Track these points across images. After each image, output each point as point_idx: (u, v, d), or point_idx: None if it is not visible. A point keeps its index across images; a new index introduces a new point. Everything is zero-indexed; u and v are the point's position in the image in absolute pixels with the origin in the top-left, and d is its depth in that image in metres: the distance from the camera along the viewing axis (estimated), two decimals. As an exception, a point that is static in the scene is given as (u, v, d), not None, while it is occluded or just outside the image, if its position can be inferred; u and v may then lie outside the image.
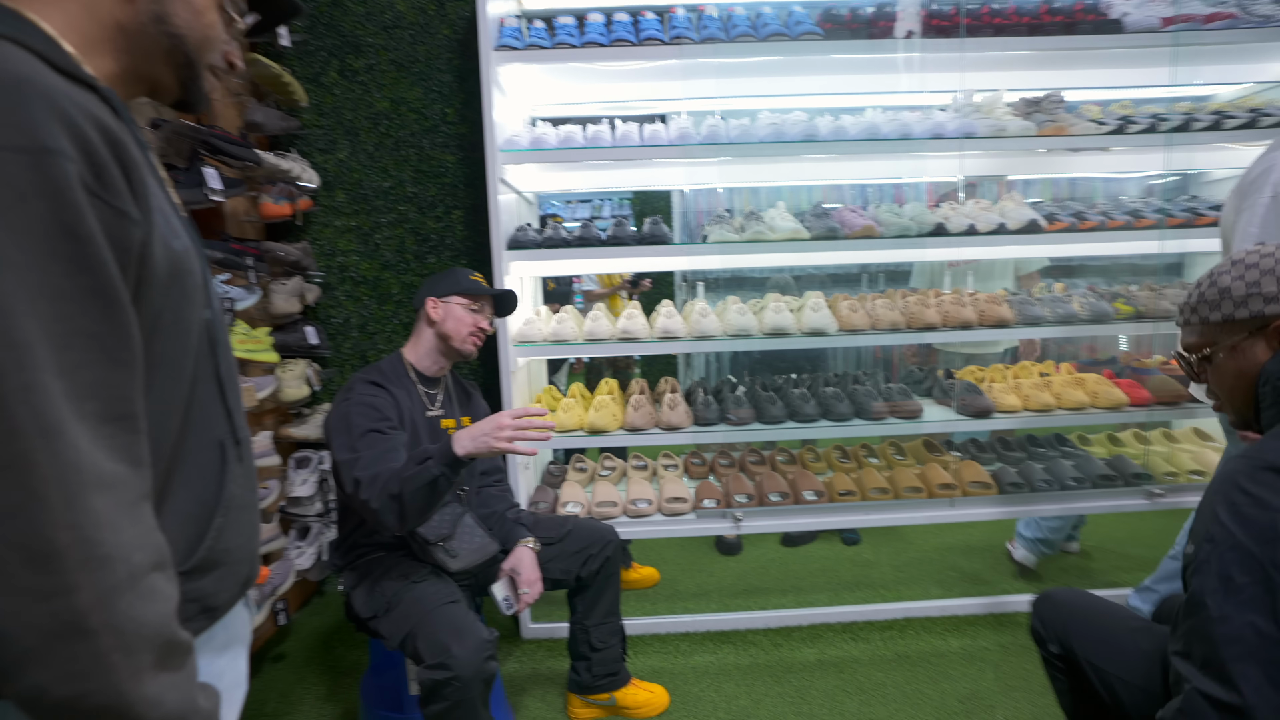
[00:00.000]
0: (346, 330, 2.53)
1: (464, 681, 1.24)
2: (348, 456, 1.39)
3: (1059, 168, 2.78)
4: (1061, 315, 2.23)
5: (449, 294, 1.65)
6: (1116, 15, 2.13)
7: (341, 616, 2.34)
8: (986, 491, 2.25)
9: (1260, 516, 0.74)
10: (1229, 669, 0.74)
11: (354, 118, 2.46)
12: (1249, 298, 0.92)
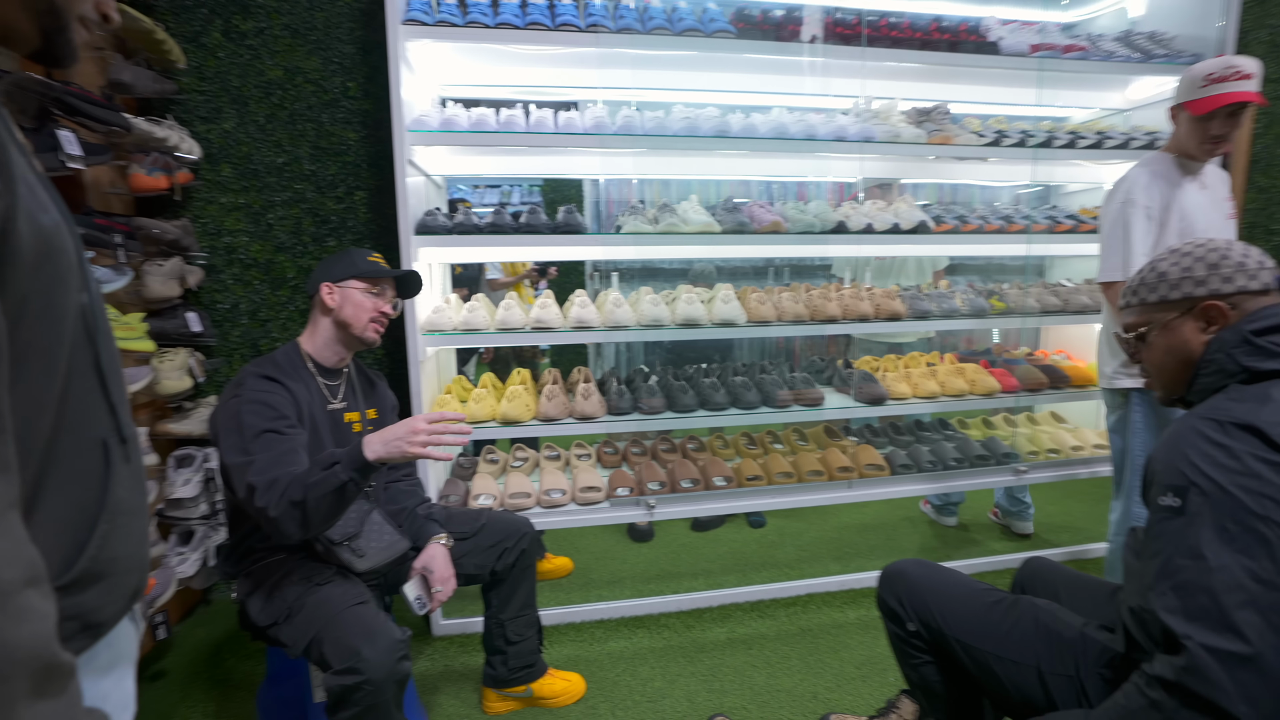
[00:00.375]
0: (235, 317, 2.34)
1: (376, 684, 1.19)
2: (240, 460, 1.29)
3: (944, 174, 3.01)
4: (946, 310, 2.43)
5: (345, 278, 1.54)
6: (994, 39, 2.34)
7: (231, 627, 2.18)
8: (880, 473, 2.42)
9: (1239, 468, 0.81)
10: (1232, 617, 0.76)
11: (242, 85, 2.26)
12: (1181, 281, 1.02)
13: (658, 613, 2.28)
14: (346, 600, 1.32)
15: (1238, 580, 0.78)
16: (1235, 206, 2.00)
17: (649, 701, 1.82)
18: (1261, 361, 0.91)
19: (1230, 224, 1.96)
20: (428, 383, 2.22)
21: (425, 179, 2.35)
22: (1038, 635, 1.10)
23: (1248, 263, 0.99)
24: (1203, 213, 1.87)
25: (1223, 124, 1.77)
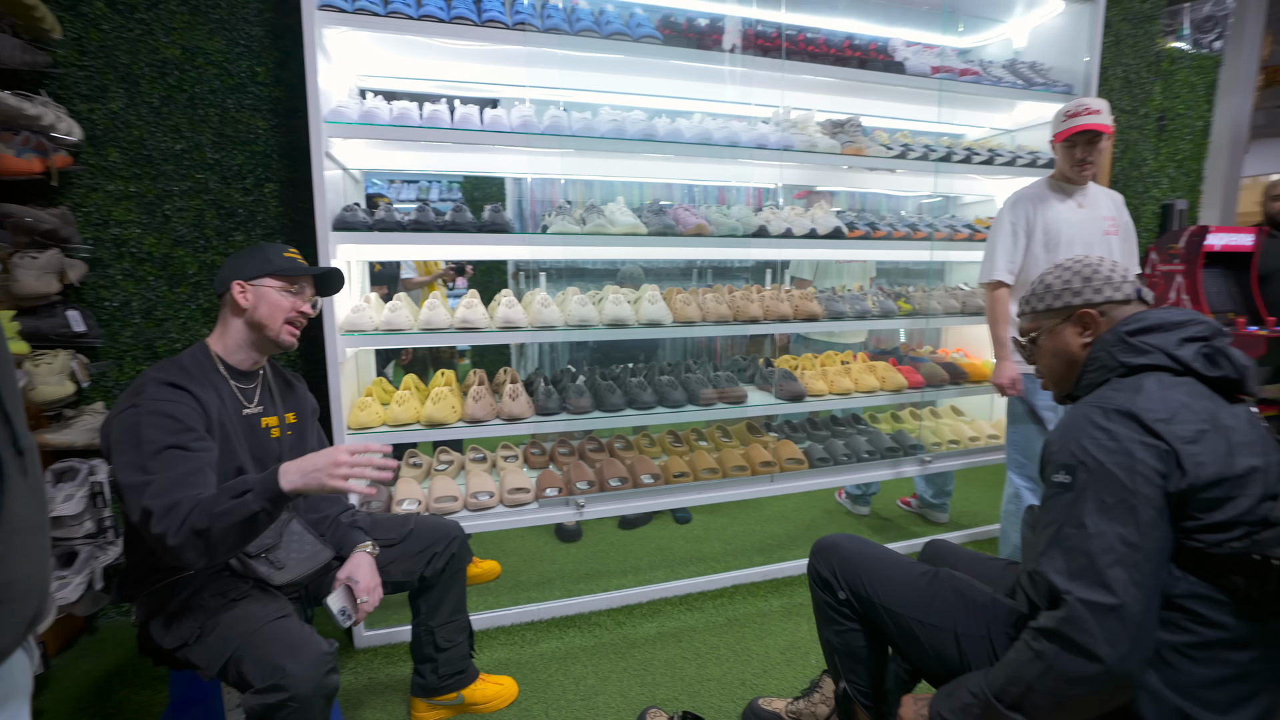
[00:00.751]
0: (126, 316, 2.14)
1: (302, 700, 1.13)
2: (136, 479, 1.18)
3: (855, 183, 3.19)
4: (859, 311, 2.59)
5: (259, 275, 1.43)
6: (900, 59, 2.52)
7: (122, 655, 2.01)
8: (800, 466, 2.54)
9: (1117, 448, 0.93)
10: (1105, 575, 0.89)
11: (131, 62, 2.08)
12: (1062, 292, 1.17)
13: (588, 611, 2.29)
14: (266, 615, 1.24)
15: (1110, 544, 0.90)
16: (1120, 223, 2.25)
17: (582, 700, 1.83)
18: (1135, 357, 1.05)
19: (1108, 239, 2.22)
20: (347, 385, 2.13)
21: (343, 172, 2.24)
22: (955, 602, 1.20)
23: (1114, 276, 1.15)
24: (1070, 228, 2.17)
25: (1083, 150, 2.12)
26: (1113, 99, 3.44)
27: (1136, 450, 0.92)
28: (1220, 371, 1.00)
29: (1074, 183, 2.21)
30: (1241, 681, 0.91)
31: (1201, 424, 0.93)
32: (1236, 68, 3.92)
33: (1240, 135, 4.08)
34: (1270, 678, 0.92)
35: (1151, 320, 1.06)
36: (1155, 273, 3.44)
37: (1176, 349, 1.02)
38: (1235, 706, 0.91)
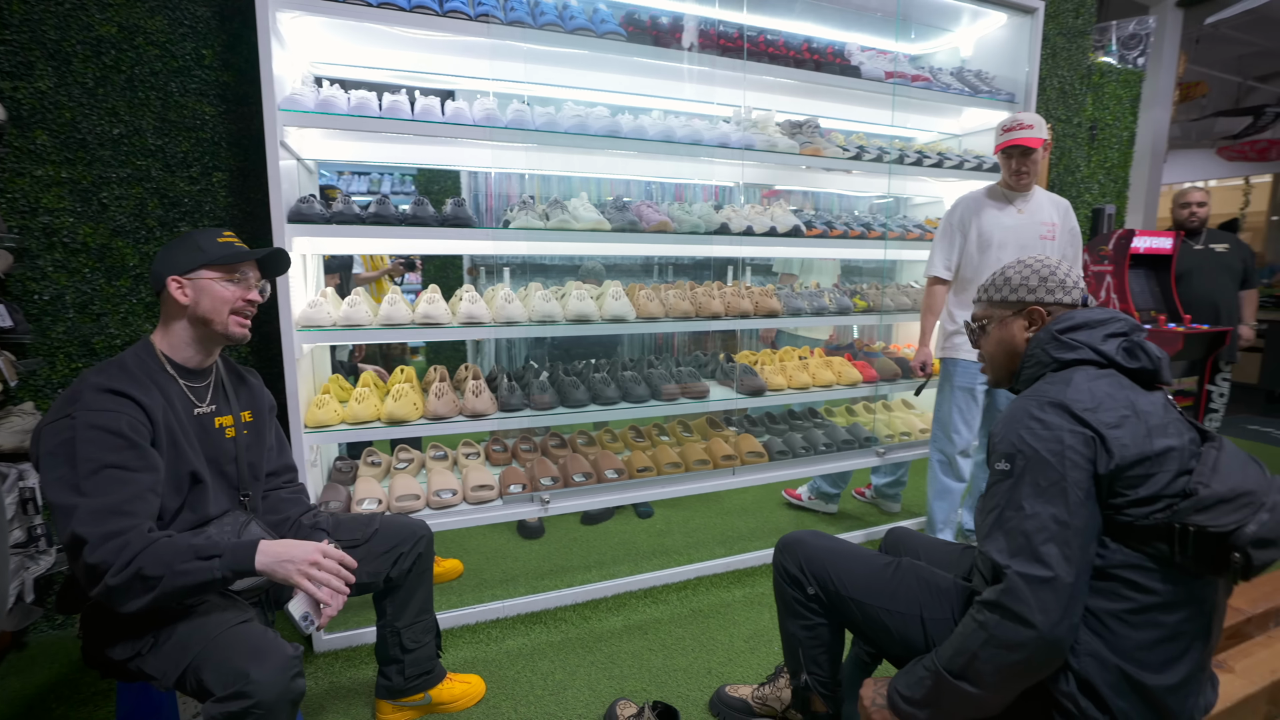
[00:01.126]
0: (58, 310, 2.01)
1: (267, 707, 1.09)
2: (68, 500, 1.10)
3: (811, 183, 3.27)
4: (816, 307, 2.66)
5: (195, 268, 1.32)
6: (856, 63, 2.59)
7: (56, 672, 1.90)
8: (760, 460, 2.60)
9: (1050, 437, 1.01)
10: (1039, 551, 0.98)
11: (61, 39, 1.95)
12: (1019, 287, 1.26)
13: (554, 607, 2.29)
14: (226, 621, 1.20)
15: (1044, 523, 0.99)
16: (1063, 229, 2.40)
17: (551, 694, 1.83)
18: (1065, 353, 1.14)
19: (1044, 243, 2.38)
20: (303, 383, 2.06)
21: (297, 163, 2.17)
22: (920, 588, 1.27)
23: (1066, 281, 1.24)
24: (1004, 231, 2.35)
25: (1018, 161, 2.31)
26: (1049, 108, 3.64)
27: (1066, 438, 1.01)
28: (1139, 363, 1.10)
29: (1014, 189, 2.38)
30: (1173, 641, 1.00)
31: (1123, 410, 1.02)
32: (1156, 83, 4.20)
33: (1160, 146, 4.38)
34: (1197, 635, 1.01)
35: (1079, 319, 1.16)
36: (1088, 273, 3.66)
37: (1101, 344, 1.12)
38: (1170, 664, 1.00)
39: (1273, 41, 6.76)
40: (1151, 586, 0.99)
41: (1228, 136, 7.73)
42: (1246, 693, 1.23)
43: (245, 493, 1.45)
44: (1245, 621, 1.51)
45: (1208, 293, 3.52)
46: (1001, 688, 1.02)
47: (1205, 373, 3.49)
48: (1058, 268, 1.26)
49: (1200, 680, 1.04)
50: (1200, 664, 1.02)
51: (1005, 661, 0.99)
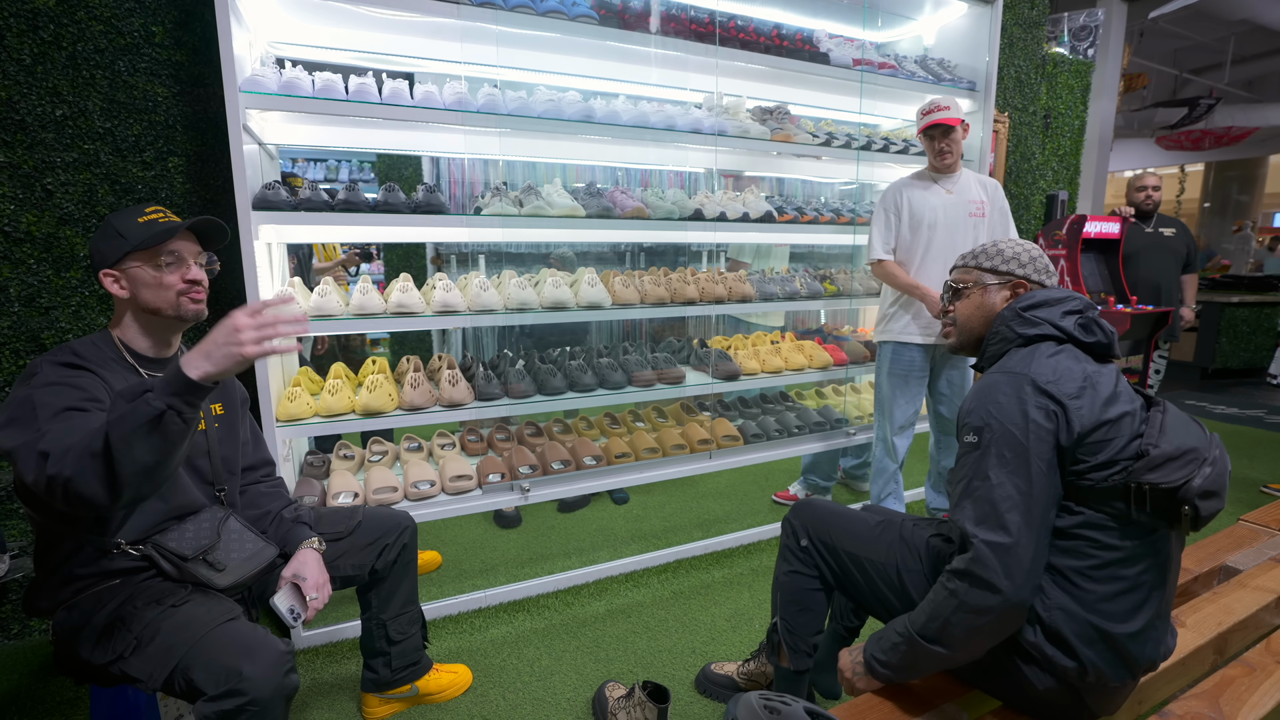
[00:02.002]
0: (2, 304, 1.90)
1: (263, 704, 1.07)
2: (30, 437, 1.04)
3: (781, 169, 3.31)
4: (788, 292, 2.70)
5: (121, 257, 1.22)
6: (825, 49, 2.62)
7: (17, 680, 1.82)
8: (736, 443, 2.64)
9: (1016, 410, 1.08)
10: (1004, 519, 1.04)
11: (-5, 14, 1.82)
12: (1011, 260, 1.32)
13: (536, 594, 2.30)
14: (213, 619, 1.16)
15: (1009, 493, 1.06)
16: (993, 207, 2.50)
17: (538, 680, 1.84)
18: (1028, 329, 1.21)
19: (973, 220, 2.48)
20: (273, 376, 2.00)
21: (259, 147, 2.08)
22: (900, 544, 1.37)
23: (1050, 268, 1.34)
24: (933, 211, 2.45)
25: (939, 141, 2.40)
26: (1006, 97, 3.75)
27: (1031, 411, 1.07)
28: (1094, 338, 1.18)
29: (941, 171, 2.48)
30: (1134, 592, 1.08)
31: (1081, 382, 1.10)
32: (1104, 74, 4.37)
33: (1107, 134, 4.57)
34: (1155, 585, 1.09)
35: (1039, 298, 1.24)
36: (1041, 257, 3.81)
37: (1060, 320, 1.19)
38: (1132, 613, 1.07)
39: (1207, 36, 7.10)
40: (1112, 543, 1.07)
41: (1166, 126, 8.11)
42: (1196, 644, 1.32)
43: (221, 488, 1.41)
44: (1193, 580, 1.62)
45: (1152, 274, 3.70)
46: (971, 647, 1.10)
47: (1149, 351, 3.68)
48: (1043, 257, 1.34)
49: (1160, 628, 1.12)
50: (1159, 612, 1.10)
51: (975, 624, 1.06)
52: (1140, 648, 1.08)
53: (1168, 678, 1.26)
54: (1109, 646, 1.06)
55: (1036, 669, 1.10)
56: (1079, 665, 1.06)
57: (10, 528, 1.98)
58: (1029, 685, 1.11)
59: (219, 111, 2.00)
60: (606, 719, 1.62)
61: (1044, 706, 1.13)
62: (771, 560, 2.54)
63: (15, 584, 1.98)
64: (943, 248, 2.45)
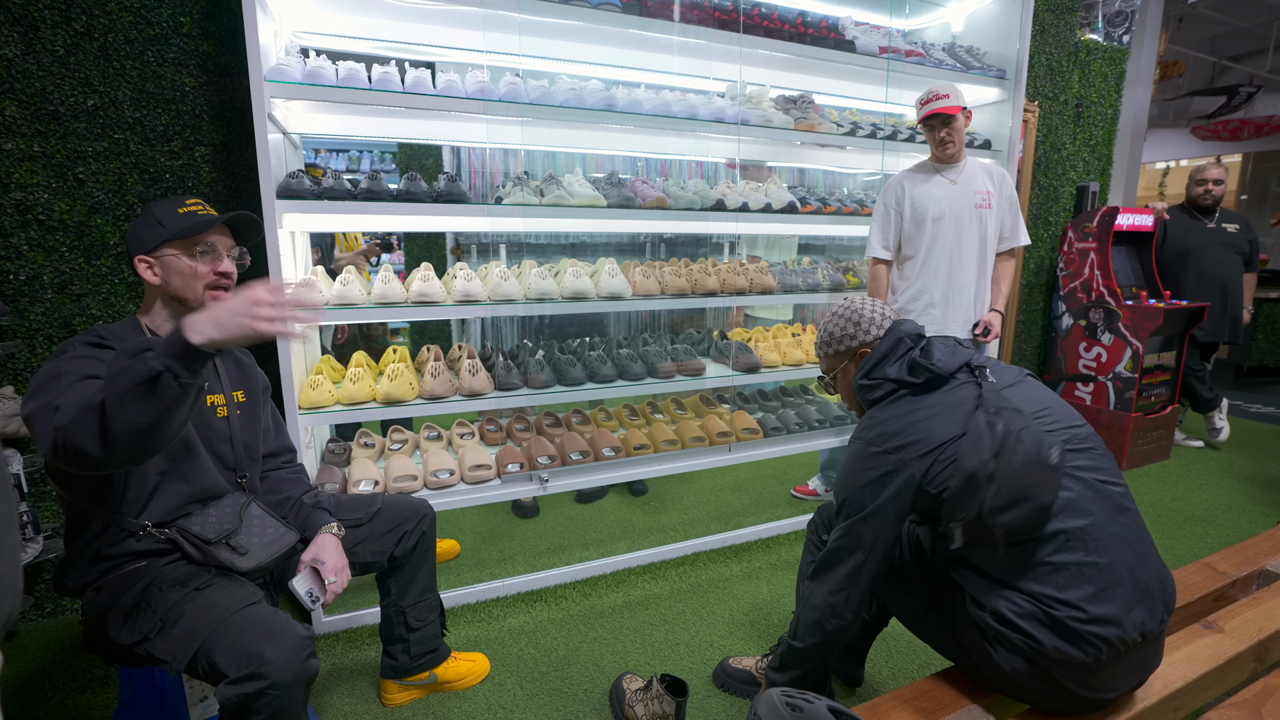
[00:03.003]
0: (36, 290, 1.94)
1: (283, 688, 1.08)
2: (50, 400, 1.04)
3: (805, 159, 3.26)
4: (810, 284, 2.67)
5: (158, 245, 1.27)
6: (850, 37, 2.57)
7: (49, 658, 1.87)
8: (755, 436, 2.62)
9: (868, 475, 1.20)
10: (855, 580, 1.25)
11: (26, 3, 1.85)
12: (841, 338, 1.38)
13: (553, 585, 2.30)
14: (236, 602, 1.18)
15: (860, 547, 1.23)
16: (1000, 197, 2.45)
17: (555, 670, 1.85)
18: (873, 394, 1.28)
19: (978, 212, 2.42)
20: (296, 364, 2.02)
21: (283, 137, 2.10)
22: (902, 539, 1.39)
23: (875, 317, 1.36)
24: (937, 204, 2.40)
25: (939, 131, 2.35)
26: (1038, 85, 3.65)
27: (882, 470, 1.17)
28: (921, 377, 1.21)
29: (944, 161, 2.42)
30: (1061, 572, 1.06)
31: (914, 429, 1.16)
32: (1139, 61, 4.24)
33: (1141, 124, 4.43)
34: (1088, 558, 1.06)
35: (873, 359, 1.30)
36: (1072, 250, 3.72)
37: (895, 375, 1.24)
38: (1066, 587, 1.05)
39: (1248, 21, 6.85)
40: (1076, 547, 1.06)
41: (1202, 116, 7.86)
42: (1235, 651, 1.28)
43: (242, 474, 1.43)
44: (1230, 585, 1.57)
45: (1217, 271, 3.53)
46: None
47: (1183, 348, 3.57)
48: (861, 307, 1.38)
49: (1116, 596, 1.04)
50: (1108, 583, 1.05)
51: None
52: (1085, 619, 1.03)
53: (1204, 684, 1.22)
54: (1049, 619, 1.04)
55: (1001, 649, 1.10)
56: (1028, 639, 1.05)
57: (44, 510, 2.03)
58: (1002, 669, 1.11)
59: (244, 101, 2.02)
60: (624, 710, 1.62)
61: (1037, 694, 1.11)
62: (790, 555, 2.52)
63: (48, 564, 2.03)
64: (948, 242, 2.40)
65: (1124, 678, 1.08)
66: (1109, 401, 3.53)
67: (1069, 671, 1.05)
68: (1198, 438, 3.89)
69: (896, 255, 2.52)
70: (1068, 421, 1.17)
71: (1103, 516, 1.07)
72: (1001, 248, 2.51)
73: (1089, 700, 1.08)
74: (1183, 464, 3.57)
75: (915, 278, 2.47)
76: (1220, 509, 2.98)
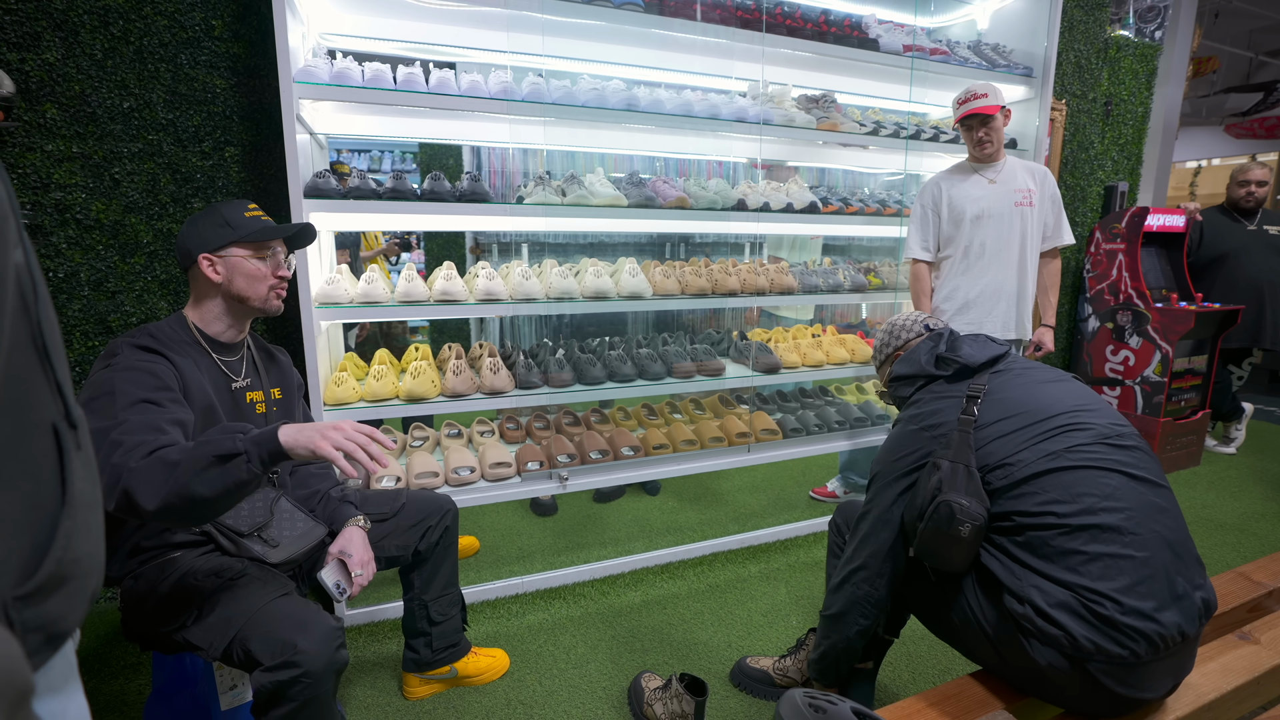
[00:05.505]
0: (73, 287, 1.99)
1: (315, 676, 1.11)
2: (107, 423, 1.09)
3: (827, 159, 3.23)
4: (831, 285, 2.65)
5: (226, 245, 1.33)
6: (874, 35, 2.55)
7: (86, 644, 1.91)
8: (775, 437, 2.61)
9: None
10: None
11: (68, 9, 1.90)
12: (882, 349, 1.57)
13: (572, 583, 2.31)
14: (269, 593, 1.21)
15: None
16: (1042, 195, 2.42)
17: (574, 668, 1.86)
18: (904, 389, 1.41)
19: (1019, 210, 2.39)
20: (321, 360, 2.05)
21: (310, 137, 2.13)
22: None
23: (906, 323, 1.54)
24: (975, 203, 2.38)
25: (977, 131, 2.33)
26: (1065, 83, 3.59)
27: (914, 446, 1.28)
28: (951, 369, 1.32)
29: (981, 161, 2.40)
30: (1096, 562, 1.04)
31: (944, 411, 1.25)
32: (1171, 58, 4.15)
33: (1172, 123, 4.34)
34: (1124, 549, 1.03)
35: (905, 357, 1.43)
36: (1099, 251, 3.65)
37: (923, 364, 1.37)
38: (1102, 577, 1.03)
39: (1286, 16, 6.66)
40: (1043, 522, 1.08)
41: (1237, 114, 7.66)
42: (1272, 663, 1.24)
43: (274, 469, 1.45)
44: (1267, 595, 1.53)
45: (1257, 274, 3.43)
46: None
47: (1215, 352, 3.49)
48: (899, 319, 1.56)
49: (1154, 592, 1.02)
50: (1143, 576, 1.02)
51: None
52: (1121, 610, 1.00)
53: (1239, 697, 1.19)
54: (1085, 610, 1.02)
55: (1036, 643, 1.07)
56: (1063, 631, 1.03)
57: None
58: (1038, 664, 1.07)
59: (273, 102, 2.06)
60: (642, 709, 1.62)
61: (1072, 693, 1.08)
62: (808, 556, 2.50)
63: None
64: (988, 241, 2.37)
65: (1161, 679, 1.06)
66: (1136, 406, 3.46)
67: (1107, 666, 1.02)
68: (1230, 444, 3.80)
69: (935, 256, 2.51)
70: (1109, 418, 1.17)
71: (1141, 512, 1.05)
72: (1045, 246, 2.47)
73: (1125, 700, 1.05)
74: (1213, 471, 3.48)
75: (951, 277, 2.45)
76: (1254, 517, 2.91)
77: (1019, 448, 1.13)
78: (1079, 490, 1.06)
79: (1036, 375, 1.27)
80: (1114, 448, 1.11)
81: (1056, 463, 1.09)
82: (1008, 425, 1.17)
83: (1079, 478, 1.08)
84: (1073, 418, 1.14)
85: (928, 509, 1.14)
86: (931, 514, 1.13)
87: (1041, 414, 1.16)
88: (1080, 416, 1.14)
